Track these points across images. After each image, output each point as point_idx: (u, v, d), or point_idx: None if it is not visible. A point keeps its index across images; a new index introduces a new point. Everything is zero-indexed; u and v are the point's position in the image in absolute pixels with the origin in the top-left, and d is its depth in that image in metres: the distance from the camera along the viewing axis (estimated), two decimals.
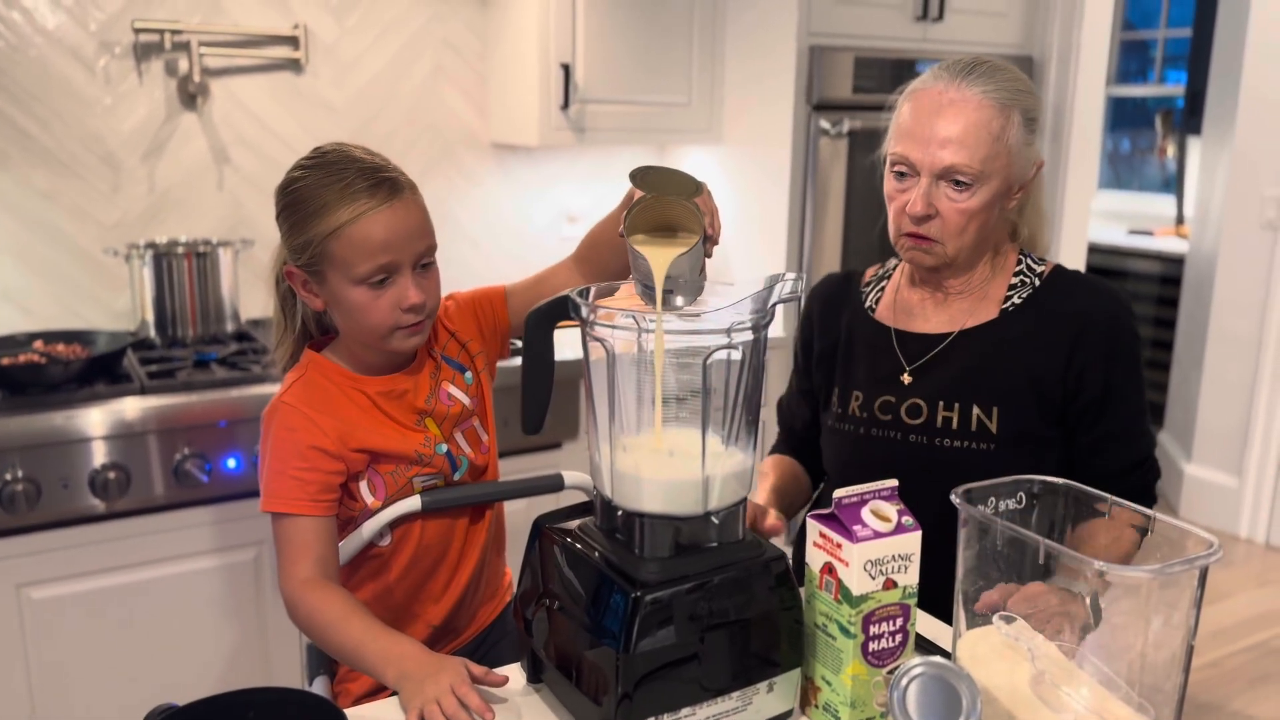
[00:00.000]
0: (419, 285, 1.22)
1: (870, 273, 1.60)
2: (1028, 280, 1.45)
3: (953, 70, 1.38)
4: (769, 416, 2.64)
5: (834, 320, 1.57)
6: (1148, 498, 1.43)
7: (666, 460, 1.01)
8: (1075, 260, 3.18)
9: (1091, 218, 3.81)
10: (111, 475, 1.92)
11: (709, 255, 1.09)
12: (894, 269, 1.57)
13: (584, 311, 1.02)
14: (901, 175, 1.40)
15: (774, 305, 1.00)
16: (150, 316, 2.32)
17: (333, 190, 1.18)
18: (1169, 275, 4.42)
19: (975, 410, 1.40)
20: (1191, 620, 0.91)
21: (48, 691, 1.95)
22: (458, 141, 2.79)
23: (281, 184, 1.23)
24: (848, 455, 1.51)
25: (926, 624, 1.26)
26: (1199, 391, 3.84)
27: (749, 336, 0.99)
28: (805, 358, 1.62)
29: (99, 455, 1.92)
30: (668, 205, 1.04)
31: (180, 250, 2.33)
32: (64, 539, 1.92)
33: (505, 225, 2.90)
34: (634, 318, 0.99)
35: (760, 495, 1.53)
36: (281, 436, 1.22)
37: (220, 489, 2.03)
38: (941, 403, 1.42)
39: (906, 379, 1.45)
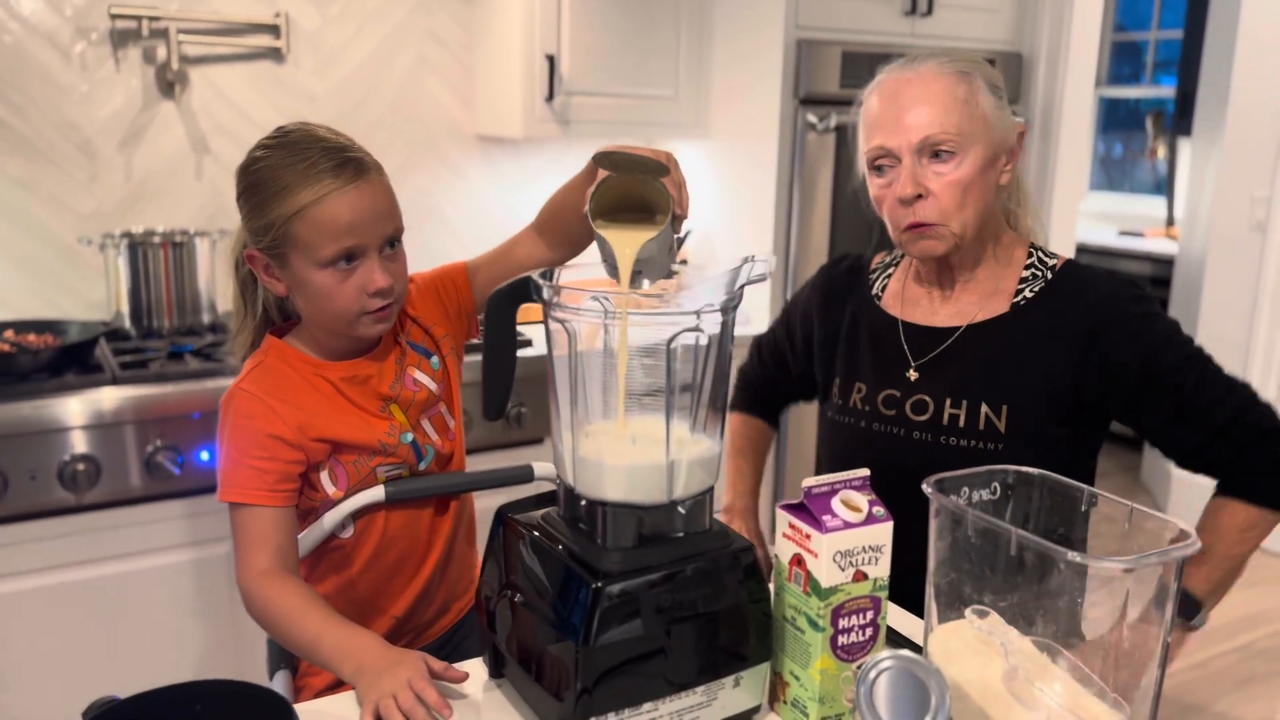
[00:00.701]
0: (385, 269, 1.19)
1: (878, 259, 1.57)
2: (1040, 274, 1.40)
3: (903, 61, 1.39)
4: None
5: (838, 306, 1.53)
6: (1251, 455, 1.30)
7: (630, 446, 0.98)
8: None
9: (1083, 219, 3.80)
10: (81, 467, 1.88)
11: (678, 232, 1.06)
12: (902, 256, 1.54)
13: (546, 293, 0.99)
14: (882, 169, 1.37)
15: (741, 287, 0.97)
16: (125, 307, 2.28)
17: (295, 170, 1.14)
18: (1159, 276, 4.42)
19: (984, 408, 1.35)
20: (1168, 615, 0.89)
21: (15, 686, 1.92)
22: (442, 133, 2.76)
23: (242, 164, 1.19)
24: (849, 449, 1.46)
25: (903, 619, 1.24)
26: None
27: (717, 319, 0.97)
28: (805, 334, 1.58)
29: (69, 447, 1.88)
30: (635, 182, 1.01)
31: (156, 240, 2.30)
32: (32, 531, 1.89)
33: (489, 218, 2.87)
34: (599, 299, 0.96)
35: (740, 493, 1.49)
36: (239, 424, 1.19)
37: (193, 482, 1.99)
38: (949, 400, 1.37)
39: (913, 374, 1.41)
